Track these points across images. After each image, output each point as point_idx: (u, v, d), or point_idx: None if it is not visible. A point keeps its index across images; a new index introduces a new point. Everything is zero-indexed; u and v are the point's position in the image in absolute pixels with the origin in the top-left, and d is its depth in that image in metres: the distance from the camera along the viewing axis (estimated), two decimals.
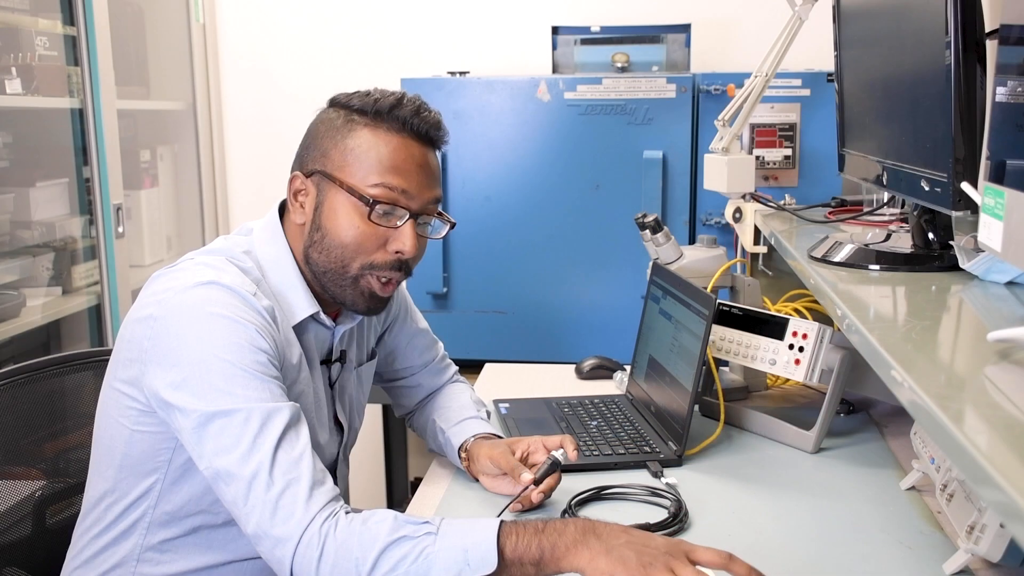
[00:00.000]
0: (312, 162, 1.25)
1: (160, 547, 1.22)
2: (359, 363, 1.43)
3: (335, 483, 1.19)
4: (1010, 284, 1.16)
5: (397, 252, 1.23)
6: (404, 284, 1.56)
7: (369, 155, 1.21)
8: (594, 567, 0.99)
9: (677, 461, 1.47)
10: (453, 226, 1.32)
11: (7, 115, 2.17)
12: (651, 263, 1.83)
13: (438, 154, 1.29)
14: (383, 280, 1.25)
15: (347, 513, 1.06)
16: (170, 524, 1.21)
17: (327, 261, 1.24)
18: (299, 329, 1.26)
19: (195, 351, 1.10)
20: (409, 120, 1.22)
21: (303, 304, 1.25)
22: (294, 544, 1.03)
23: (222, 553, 1.23)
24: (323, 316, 1.28)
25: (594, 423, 1.63)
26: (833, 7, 1.60)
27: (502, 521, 1.04)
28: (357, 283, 1.24)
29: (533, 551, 1.02)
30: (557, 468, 1.30)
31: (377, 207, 1.20)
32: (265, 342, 1.13)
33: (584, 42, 2.39)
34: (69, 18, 2.20)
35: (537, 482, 1.29)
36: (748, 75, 1.82)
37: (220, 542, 1.23)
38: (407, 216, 1.22)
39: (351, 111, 1.24)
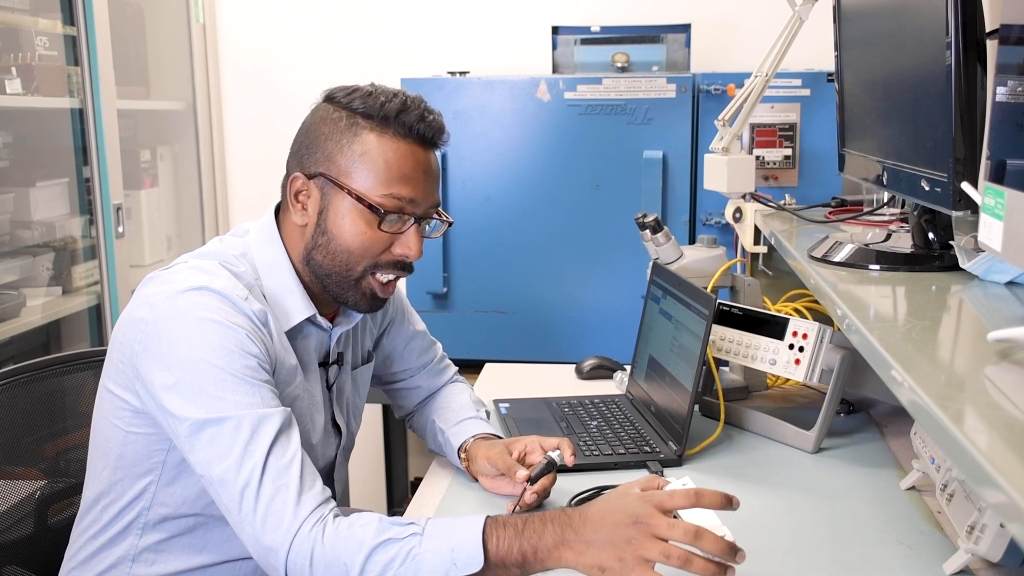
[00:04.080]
0: (315, 164, 1.23)
1: (155, 547, 1.22)
2: (355, 366, 1.43)
3: (333, 486, 1.19)
4: (1010, 284, 1.16)
5: (402, 255, 1.24)
6: (402, 287, 1.56)
7: (377, 163, 1.20)
8: (582, 563, 1.02)
9: (677, 461, 1.47)
10: (451, 224, 1.33)
11: (7, 115, 2.17)
12: (651, 263, 1.83)
13: (438, 154, 1.29)
14: (384, 280, 1.26)
15: (335, 517, 1.07)
16: (165, 524, 1.21)
17: (332, 264, 1.24)
18: (295, 332, 1.25)
19: (185, 355, 1.10)
20: (415, 126, 1.21)
21: (299, 307, 1.25)
22: (284, 553, 1.04)
23: (217, 553, 1.23)
24: (320, 318, 1.28)
25: (594, 423, 1.63)
26: (833, 7, 1.60)
27: (487, 518, 1.05)
28: (359, 285, 1.25)
29: (515, 554, 1.04)
30: (553, 468, 1.30)
31: (388, 217, 1.21)
32: (255, 346, 1.13)
33: (584, 42, 2.39)
34: (69, 18, 2.19)
35: (532, 481, 1.28)
36: (748, 75, 1.82)
37: (215, 542, 1.23)
38: (411, 221, 1.23)
39: (354, 113, 1.21)
